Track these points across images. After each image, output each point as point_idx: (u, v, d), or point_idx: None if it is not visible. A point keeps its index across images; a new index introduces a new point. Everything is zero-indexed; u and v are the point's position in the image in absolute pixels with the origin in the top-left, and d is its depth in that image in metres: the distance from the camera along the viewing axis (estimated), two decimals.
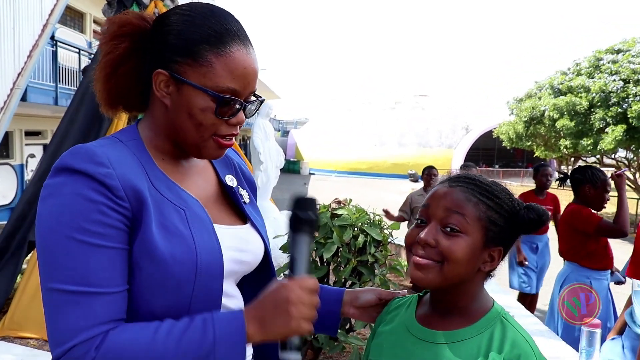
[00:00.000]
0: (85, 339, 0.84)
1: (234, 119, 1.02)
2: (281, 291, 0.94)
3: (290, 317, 0.92)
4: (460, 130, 35.36)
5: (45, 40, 5.67)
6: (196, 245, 0.96)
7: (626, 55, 17.76)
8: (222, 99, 0.98)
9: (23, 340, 3.85)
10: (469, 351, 1.01)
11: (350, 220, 3.10)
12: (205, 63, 0.97)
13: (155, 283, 0.93)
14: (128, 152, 0.98)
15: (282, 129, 49.99)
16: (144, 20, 1.05)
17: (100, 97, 1.07)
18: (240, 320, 0.93)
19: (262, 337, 0.94)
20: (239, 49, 0.99)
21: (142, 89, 1.06)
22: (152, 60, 1.01)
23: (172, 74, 0.98)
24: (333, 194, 4.43)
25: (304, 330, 0.94)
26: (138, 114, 1.13)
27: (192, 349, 0.88)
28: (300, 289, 0.94)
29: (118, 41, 1.02)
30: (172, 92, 1.00)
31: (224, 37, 0.98)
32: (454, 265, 1.01)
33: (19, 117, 11.38)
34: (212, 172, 1.17)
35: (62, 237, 0.86)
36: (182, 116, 1.00)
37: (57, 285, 0.86)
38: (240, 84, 0.99)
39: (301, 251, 1.00)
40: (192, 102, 0.98)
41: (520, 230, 1.07)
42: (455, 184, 1.07)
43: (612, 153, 18.32)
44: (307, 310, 0.94)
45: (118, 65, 1.03)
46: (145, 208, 0.92)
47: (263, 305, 0.95)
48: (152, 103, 1.05)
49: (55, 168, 0.92)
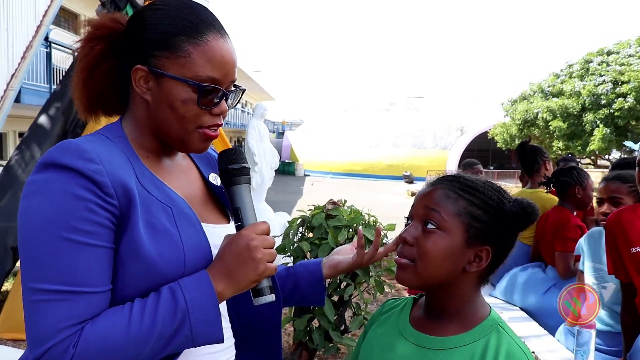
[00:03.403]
0: (64, 337, 0.83)
1: (216, 109, 1.02)
2: (239, 241, 0.97)
3: (257, 261, 0.96)
4: (455, 132, 35.41)
5: (39, 42, 5.64)
6: (183, 243, 0.96)
7: (616, 57, 17.92)
8: (203, 87, 0.98)
9: (16, 343, 3.84)
10: (462, 359, 0.99)
11: (345, 221, 3.11)
12: (183, 54, 0.97)
13: (142, 281, 0.92)
14: (116, 149, 0.97)
15: (276, 131, 49.98)
16: (117, 22, 1.05)
17: (79, 103, 1.07)
18: (206, 279, 0.94)
19: (233, 289, 0.96)
20: (215, 38, 0.99)
21: (120, 91, 1.06)
22: (129, 58, 1.01)
23: (150, 68, 0.98)
24: (328, 195, 4.43)
25: (271, 270, 0.98)
26: (118, 116, 1.12)
27: (168, 321, 0.88)
28: (256, 234, 0.98)
29: (94, 43, 1.02)
30: (152, 87, 0.99)
31: (200, 27, 0.98)
32: (426, 263, 1.00)
33: (13, 119, 11.34)
34: (196, 171, 1.17)
35: (49, 235, 0.85)
36: (164, 110, 1.00)
37: (41, 285, 0.84)
38: (219, 72, 0.99)
39: (244, 200, 1.04)
40: (173, 94, 0.98)
41: (510, 227, 1.03)
42: (439, 183, 1.07)
43: (606, 154, 18.44)
44: (268, 252, 0.98)
45: (94, 67, 1.03)
46: (133, 206, 0.92)
47: (225, 260, 0.97)
48: (133, 101, 1.04)
49: (42, 164, 0.90)
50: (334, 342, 3.11)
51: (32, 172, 0.91)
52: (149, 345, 0.87)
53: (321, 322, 3.09)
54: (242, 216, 1.03)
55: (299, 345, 3.32)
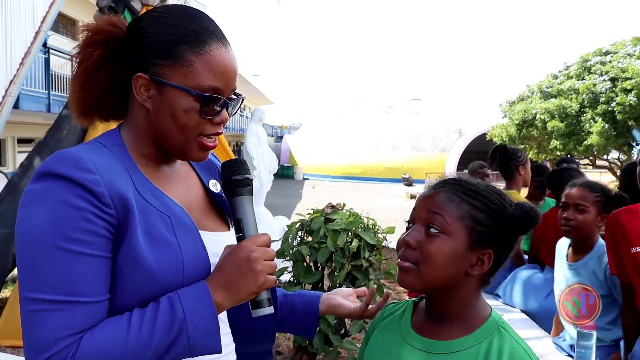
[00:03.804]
0: (62, 347, 0.83)
1: (217, 118, 1.02)
2: (239, 252, 0.96)
3: (256, 274, 0.95)
4: (453, 134, 35.46)
5: (37, 48, 5.65)
6: (182, 252, 0.96)
7: (615, 56, 17.96)
8: (205, 97, 0.97)
9: (15, 350, 3.83)
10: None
11: (344, 224, 3.10)
12: (186, 63, 0.96)
13: (141, 291, 0.92)
14: (113, 158, 0.97)
15: (275, 134, 50.01)
16: (116, 27, 1.04)
17: (75, 107, 1.06)
18: (205, 290, 0.93)
19: (232, 301, 0.96)
20: (217, 47, 0.99)
21: (118, 97, 1.05)
22: (129, 65, 1.00)
23: (152, 76, 0.97)
24: (327, 198, 4.44)
25: (270, 282, 0.98)
26: (115, 122, 1.11)
27: (166, 331, 0.88)
28: (257, 246, 0.97)
29: (92, 49, 1.01)
30: (153, 95, 0.99)
31: (202, 36, 0.98)
32: (429, 267, 1.00)
33: (12, 125, 11.34)
34: (195, 178, 1.16)
35: (45, 244, 0.85)
36: (165, 119, 0.99)
37: (37, 295, 0.84)
38: (221, 82, 0.99)
39: (245, 212, 1.03)
40: (175, 103, 0.97)
41: (512, 230, 1.03)
42: (441, 186, 1.06)
43: (604, 154, 18.45)
44: (269, 264, 0.97)
45: (92, 72, 1.02)
46: (131, 215, 0.91)
47: (225, 271, 0.96)
48: (133, 108, 1.03)
49: (39, 173, 0.89)
50: (334, 346, 3.10)
51: (29, 182, 0.90)
52: (147, 355, 0.87)
53: (321, 326, 3.08)
54: (244, 227, 1.02)
55: (299, 349, 3.31)
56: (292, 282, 3.21)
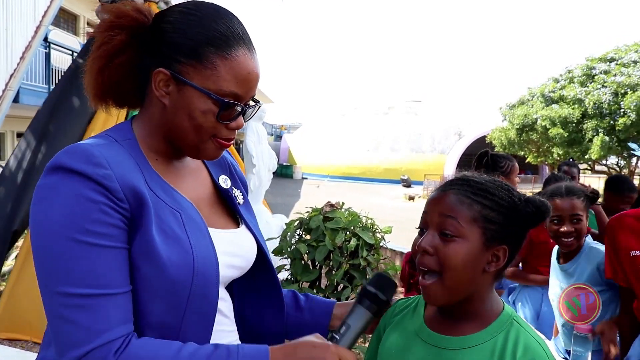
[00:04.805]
0: (103, 342, 0.83)
1: (233, 123, 1.01)
2: (320, 351, 0.93)
3: None
4: (453, 136, 35.43)
5: (38, 42, 5.65)
6: (193, 249, 0.95)
7: (619, 64, 17.95)
8: (225, 103, 0.96)
9: (12, 342, 3.82)
10: (482, 356, 0.99)
11: (343, 223, 3.11)
12: (210, 66, 0.95)
13: (152, 285, 0.91)
14: (124, 152, 0.96)
15: (274, 133, 49.97)
16: (142, 14, 1.01)
17: (90, 90, 1.03)
18: (265, 355, 0.92)
19: None
20: (244, 53, 0.98)
21: (136, 85, 1.03)
22: (152, 57, 0.98)
23: (173, 73, 0.96)
24: (325, 198, 4.44)
25: None
26: (129, 110, 1.10)
27: None
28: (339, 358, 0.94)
29: (114, 32, 0.98)
30: (172, 91, 0.97)
31: (230, 40, 0.96)
32: (452, 272, 0.99)
33: (11, 119, 11.33)
34: (206, 173, 1.15)
35: (65, 239, 0.84)
36: (181, 117, 0.98)
37: (65, 289, 0.84)
38: (243, 89, 0.98)
39: (356, 324, 1.03)
40: (193, 104, 0.96)
41: (524, 225, 1.03)
42: (449, 188, 1.05)
43: (603, 159, 18.49)
44: None
45: (113, 57, 0.99)
46: (145, 209, 0.91)
47: (296, 351, 0.93)
48: (149, 101, 1.02)
49: (50, 167, 0.88)
50: None
51: (41, 177, 0.89)
52: None
53: None
54: (343, 334, 1.01)
55: None
56: (289, 279, 3.21)
